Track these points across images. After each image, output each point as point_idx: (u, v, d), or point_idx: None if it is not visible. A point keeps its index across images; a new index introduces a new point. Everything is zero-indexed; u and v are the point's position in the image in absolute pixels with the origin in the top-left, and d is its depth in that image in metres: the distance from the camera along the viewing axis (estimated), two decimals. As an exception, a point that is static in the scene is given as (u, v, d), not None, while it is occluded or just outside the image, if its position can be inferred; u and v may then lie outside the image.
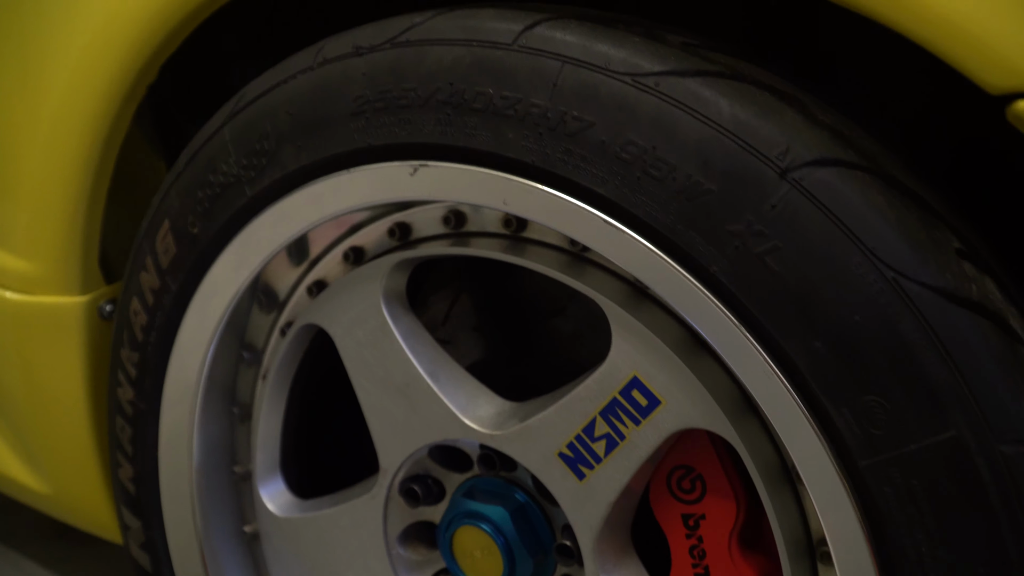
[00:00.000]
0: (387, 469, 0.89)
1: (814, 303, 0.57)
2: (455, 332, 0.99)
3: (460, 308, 1.02)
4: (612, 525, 0.78)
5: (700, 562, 0.78)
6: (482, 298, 1.00)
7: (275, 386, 0.97)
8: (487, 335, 1.00)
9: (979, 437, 0.54)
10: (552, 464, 0.78)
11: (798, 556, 0.69)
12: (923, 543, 0.56)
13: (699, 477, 0.77)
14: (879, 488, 0.57)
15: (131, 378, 0.98)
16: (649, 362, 0.71)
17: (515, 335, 0.97)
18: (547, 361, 0.94)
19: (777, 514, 0.69)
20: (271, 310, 0.97)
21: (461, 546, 0.87)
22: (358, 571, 0.94)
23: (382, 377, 0.86)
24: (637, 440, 0.72)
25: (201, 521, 1.02)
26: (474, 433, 0.82)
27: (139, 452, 1.00)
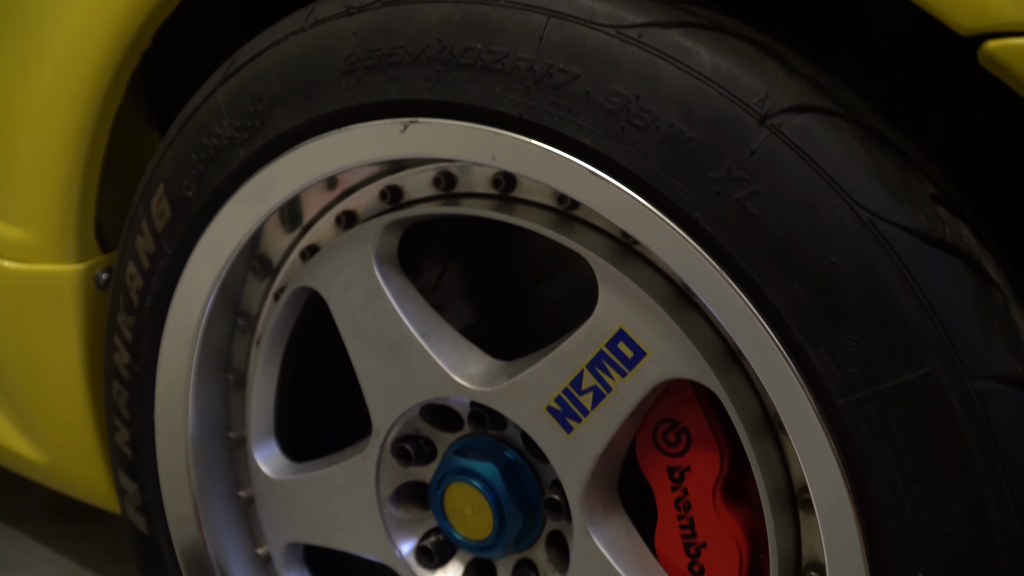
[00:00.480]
0: (379, 429, 0.91)
1: (792, 246, 0.58)
2: (446, 298, 1.00)
3: (451, 275, 1.03)
4: (599, 478, 0.79)
5: (685, 514, 0.79)
6: (472, 265, 1.01)
7: (269, 350, 0.98)
8: (478, 300, 1.01)
9: (953, 374, 0.55)
10: (540, 418, 0.79)
11: (780, 505, 0.71)
12: (899, 480, 0.57)
13: (684, 430, 0.78)
14: (856, 426, 0.58)
15: (127, 342, 0.99)
16: (635, 315, 0.72)
17: (505, 300, 0.99)
18: (537, 325, 0.95)
19: (760, 464, 0.70)
20: (265, 276, 0.98)
21: (452, 503, 0.88)
22: (351, 532, 0.95)
23: (374, 338, 0.87)
24: (623, 392, 0.74)
25: (197, 485, 1.03)
26: (464, 391, 0.84)
27: (135, 416, 1.01)
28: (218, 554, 1.05)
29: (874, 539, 0.60)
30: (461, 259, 1.01)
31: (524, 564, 0.89)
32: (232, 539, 1.06)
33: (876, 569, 0.60)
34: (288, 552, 1.03)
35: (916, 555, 0.58)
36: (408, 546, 0.94)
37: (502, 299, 0.99)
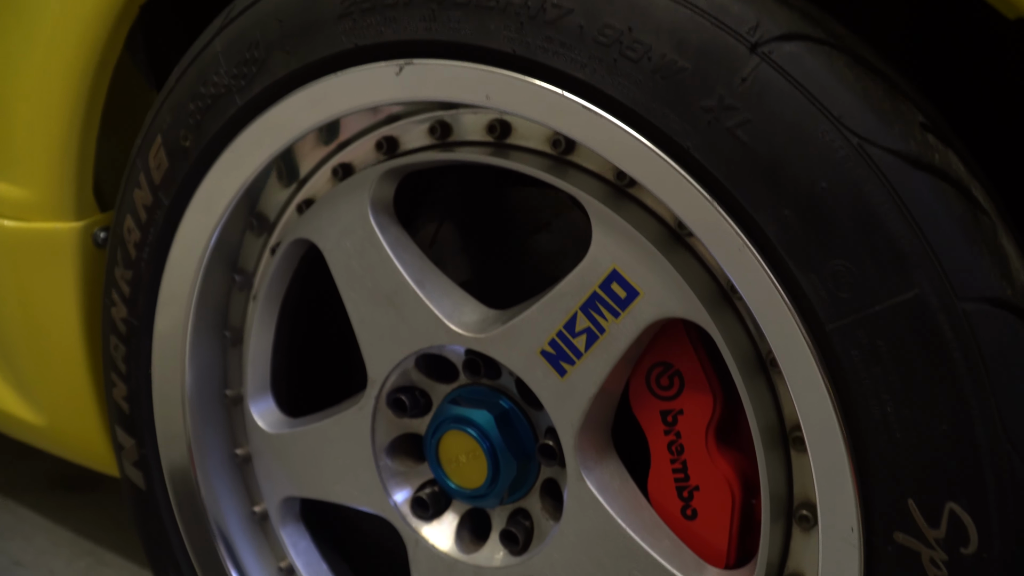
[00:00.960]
0: (375, 379, 0.91)
1: (783, 172, 0.59)
2: (442, 254, 1.01)
3: (446, 232, 1.04)
4: (593, 422, 0.80)
5: (678, 457, 0.80)
6: (468, 221, 1.02)
7: (265, 305, 0.98)
8: (473, 256, 1.02)
9: (941, 295, 0.56)
10: (534, 363, 0.80)
11: (772, 445, 0.71)
12: (888, 403, 0.58)
13: (677, 373, 0.79)
14: (846, 351, 0.59)
15: (125, 296, 1.00)
16: (628, 255, 0.73)
17: (501, 254, 0.99)
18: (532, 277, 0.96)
19: (752, 403, 0.71)
20: (262, 232, 0.98)
21: (447, 452, 0.88)
22: (347, 484, 0.96)
23: (370, 287, 0.88)
24: (616, 332, 0.74)
25: (194, 443, 1.04)
26: (459, 338, 0.84)
27: (133, 370, 1.02)
28: (215, 511, 1.06)
29: (863, 465, 0.60)
30: (456, 216, 1.02)
31: (518, 513, 0.90)
32: (229, 497, 1.07)
33: (865, 496, 0.61)
34: (284, 507, 1.03)
35: (905, 480, 0.59)
36: (403, 497, 0.94)
37: (498, 253, 0.99)
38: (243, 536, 1.07)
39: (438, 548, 0.91)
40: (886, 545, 0.60)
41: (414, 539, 0.93)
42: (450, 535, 0.93)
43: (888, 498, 0.59)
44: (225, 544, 1.06)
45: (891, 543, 0.60)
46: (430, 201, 1.04)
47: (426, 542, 0.92)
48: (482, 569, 0.89)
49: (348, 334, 0.97)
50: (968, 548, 0.57)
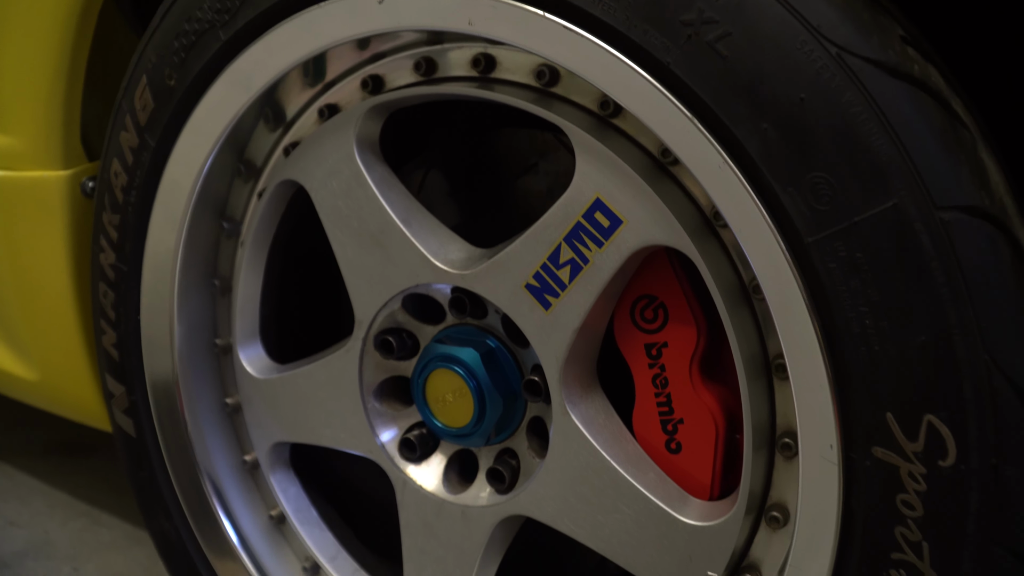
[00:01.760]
0: (362, 321, 0.91)
1: (762, 85, 0.59)
2: (430, 200, 1.01)
3: (433, 178, 1.04)
4: (577, 356, 0.80)
5: (662, 391, 0.80)
6: (454, 166, 1.01)
7: (253, 250, 0.98)
8: (460, 201, 1.01)
9: (919, 205, 0.56)
10: (519, 297, 0.80)
11: (755, 373, 0.71)
12: (867, 316, 0.58)
13: (661, 306, 0.79)
14: (824, 264, 0.59)
15: (113, 242, 1.00)
16: (611, 184, 0.72)
17: (488, 198, 0.99)
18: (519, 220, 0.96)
19: (735, 332, 0.71)
20: (249, 178, 0.98)
21: (434, 391, 0.89)
22: (335, 427, 0.96)
23: (356, 227, 0.88)
24: (600, 262, 0.74)
25: (184, 392, 1.04)
26: (445, 275, 0.84)
27: (122, 317, 1.02)
28: (206, 460, 1.06)
29: (842, 379, 0.60)
30: (443, 163, 1.02)
31: (505, 453, 0.90)
32: (219, 446, 1.07)
33: (844, 411, 0.61)
34: (274, 453, 1.04)
35: (883, 393, 0.59)
36: (391, 439, 0.94)
37: (485, 197, 0.99)
38: (233, 485, 1.08)
39: (425, 489, 0.92)
40: (864, 460, 0.60)
41: (402, 480, 0.93)
42: (437, 476, 0.93)
43: (867, 412, 0.59)
44: (216, 492, 1.07)
45: (870, 458, 0.60)
46: (416, 149, 1.03)
47: (414, 483, 0.92)
48: (469, 508, 0.89)
49: (336, 281, 0.97)
50: (946, 460, 0.58)
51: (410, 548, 0.93)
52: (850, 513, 0.62)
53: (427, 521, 0.92)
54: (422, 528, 0.92)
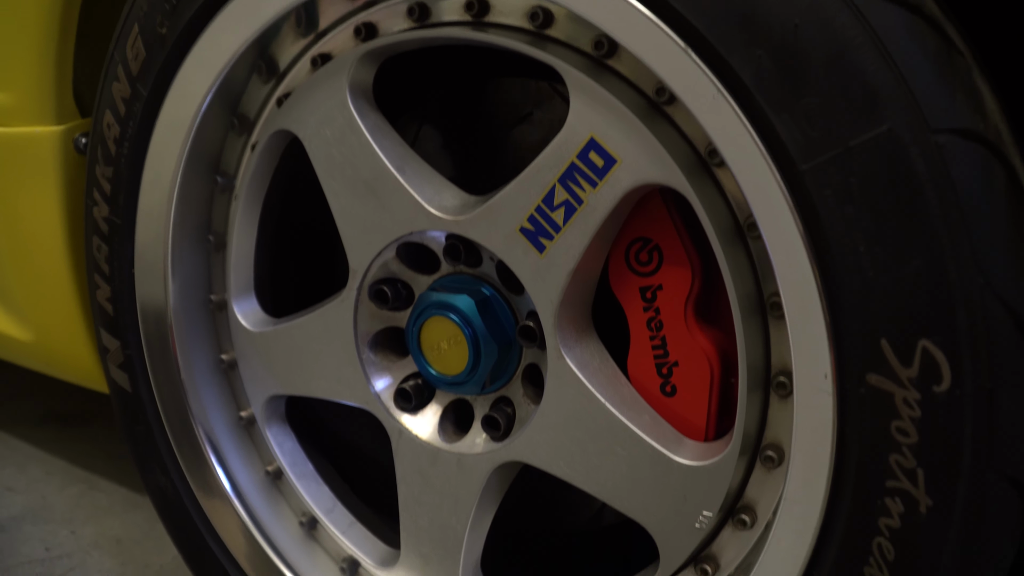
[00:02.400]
0: (357, 271, 0.91)
1: (756, 12, 0.58)
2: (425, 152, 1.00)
3: (428, 131, 1.03)
4: (572, 299, 0.80)
5: (657, 334, 0.80)
6: (448, 118, 1.01)
7: (247, 203, 0.98)
8: (455, 153, 1.01)
9: (914, 128, 0.55)
10: (514, 241, 0.79)
11: (750, 312, 0.71)
12: (861, 242, 0.58)
13: (656, 248, 0.79)
14: (819, 191, 0.58)
15: (106, 194, 0.99)
16: (605, 123, 0.72)
17: (483, 149, 0.99)
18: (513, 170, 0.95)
19: (731, 270, 0.70)
20: (243, 132, 0.98)
21: (428, 338, 0.88)
22: (330, 378, 0.96)
23: (350, 175, 0.87)
24: (594, 203, 0.74)
25: (179, 348, 1.04)
26: (439, 222, 0.84)
27: (116, 270, 1.02)
28: (202, 416, 1.06)
29: (837, 307, 0.60)
30: (437, 115, 1.01)
31: (500, 401, 0.90)
32: (215, 402, 1.07)
33: (839, 339, 0.61)
34: (269, 407, 1.03)
35: (878, 320, 0.59)
36: (387, 389, 0.94)
37: (479, 148, 0.99)
38: (230, 441, 1.08)
39: (421, 438, 0.92)
40: (859, 388, 0.60)
41: (397, 430, 0.93)
42: (433, 426, 0.93)
43: (861, 340, 0.59)
44: (212, 447, 1.07)
45: (864, 386, 0.60)
46: (411, 104, 1.03)
47: (409, 433, 0.92)
48: (464, 456, 0.89)
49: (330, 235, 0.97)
50: (941, 386, 0.58)
51: (406, 497, 0.93)
52: (844, 443, 0.62)
53: (422, 470, 0.92)
54: (418, 477, 0.92)
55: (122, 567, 1.31)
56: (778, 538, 0.69)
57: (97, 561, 1.33)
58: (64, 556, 1.34)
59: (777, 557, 0.69)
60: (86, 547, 1.36)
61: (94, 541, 1.38)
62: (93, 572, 1.30)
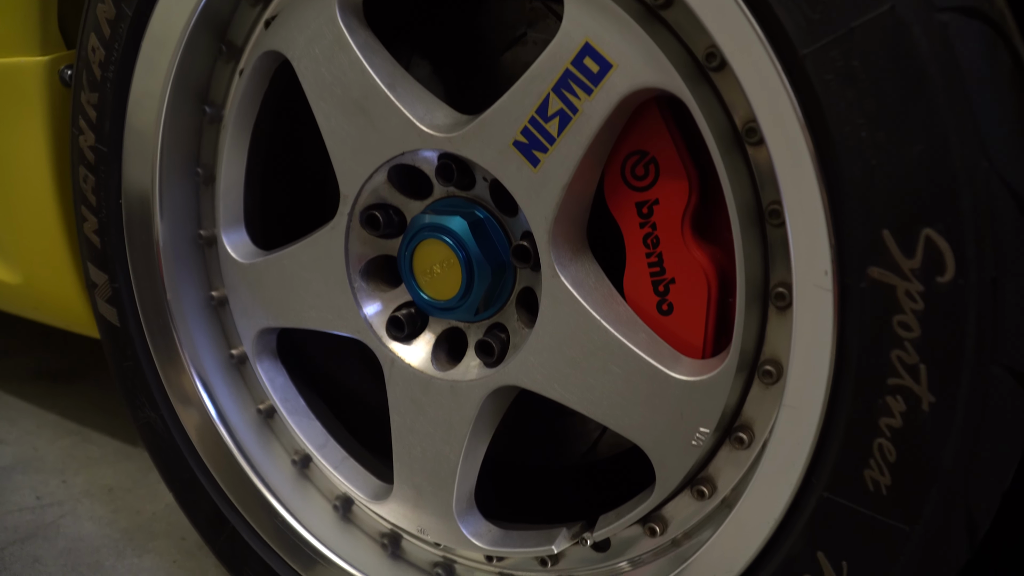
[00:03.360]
0: (348, 195, 0.89)
1: None
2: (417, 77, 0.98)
3: (420, 56, 1.01)
4: (567, 215, 0.78)
5: (654, 250, 0.78)
6: (441, 43, 0.99)
7: (236, 129, 0.96)
8: (447, 78, 0.99)
9: (917, 7, 0.53)
10: (507, 156, 0.78)
11: (749, 222, 0.70)
12: (863, 128, 0.56)
13: (652, 161, 0.77)
14: (820, 76, 0.57)
15: (92, 122, 0.97)
16: (601, 27, 0.70)
17: (476, 73, 0.97)
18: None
19: (729, 178, 0.69)
20: (231, 59, 0.96)
21: (421, 262, 0.87)
22: (322, 309, 0.94)
23: (340, 94, 0.86)
24: (590, 111, 0.72)
25: (168, 285, 1.02)
26: (432, 140, 0.82)
27: (103, 201, 1.00)
28: (192, 354, 1.05)
29: (838, 198, 0.58)
30: (430, 40, 0.99)
31: (494, 328, 0.88)
32: (205, 340, 1.06)
33: (839, 232, 0.59)
34: (260, 342, 1.02)
35: (880, 209, 0.57)
36: (379, 318, 0.93)
37: (474, 71, 0.97)
38: (220, 379, 1.06)
39: (413, 366, 0.90)
40: (860, 283, 0.59)
41: (390, 359, 0.91)
42: (426, 354, 0.91)
43: (862, 232, 0.58)
44: (203, 386, 1.05)
45: (865, 280, 0.59)
46: (401, 28, 1.01)
47: (402, 361, 0.91)
48: (458, 383, 0.88)
49: (321, 165, 0.95)
50: (944, 276, 0.56)
51: (399, 427, 0.92)
52: (845, 343, 0.61)
53: (415, 398, 0.90)
54: (411, 406, 0.91)
55: (114, 514, 1.30)
56: (776, 447, 0.68)
57: (88, 508, 1.32)
58: (55, 504, 1.33)
59: (775, 467, 0.68)
60: (77, 495, 1.35)
61: (85, 490, 1.37)
62: (84, 519, 1.29)
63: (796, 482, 0.66)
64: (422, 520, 0.94)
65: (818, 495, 0.64)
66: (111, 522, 1.28)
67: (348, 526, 1.04)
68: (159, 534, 1.25)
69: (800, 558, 0.66)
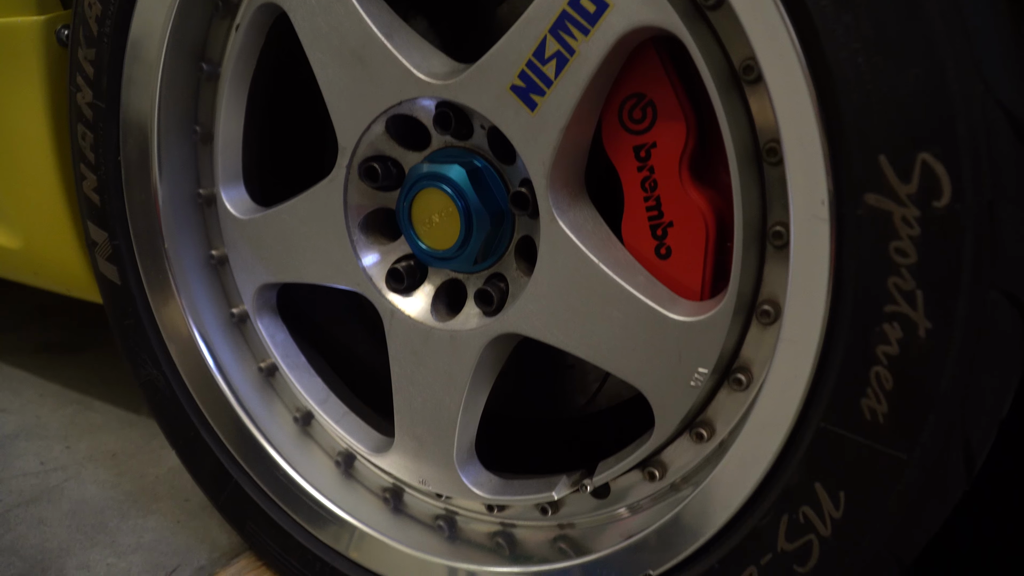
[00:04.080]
0: (346, 147, 0.89)
1: None
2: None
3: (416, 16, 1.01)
4: (564, 160, 0.78)
5: (651, 194, 0.79)
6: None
7: (233, 85, 0.96)
8: (443, 34, 0.99)
9: (912, -71, 0.54)
10: (504, 101, 0.78)
11: (747, 161, 0.70)
12: (860, 53, 0.56)
13: (650, 104, 0.77)
14: (816, 2, 0.57)
15: (89, 78, 0.97)
16: (597, -33, 0.70)
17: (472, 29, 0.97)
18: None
19: (727, 117, 0.69)
20: (227, 15, 0.96)
21: (419, 212, 0.87)
22: (321, 263, 0.95)
23: (337, 44, 0.86)
24: (587, 51, 0.72)
25: (168, 245, 1.02)
26: (429, 87, 0.82)
27: (101, 158, 1.00)
28: (194, 314, 1.05)
29: (834, 124, 0.58)
30: None
31: (493, 278, 0.89)
32: (206, 299, 1.06)
33: (836, 159, 0.59)
34: (261, 298, 1.02)
35: (877, 135, 0.57)
36: (378, 271, 0.93)
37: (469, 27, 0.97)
38: (221, 337, 1.07)
39: (413, 318, 0.91)
40: (856, 211, 0.59)
41: (389, 311, 0.92)
42: (425, 305, 0.92)
43: (859, 159, 0.58)
44: (205, 343, 1.05)
45: (861, 207, 0.59)
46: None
47: (401, 313, 0.91)
48: (457, 332, 0.88)
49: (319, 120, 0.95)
50: (940, 201, 0.56)
51: (399, 377, 0.92)
52: (842, 272, 0.61)
53: (415, 349, 0.91)
54: (411, 357, 0.91)
55: (117, 478, 1.31)
56: (774, 381, 0.68)
57: (92, 473, 1.32)
58: (59, 468, 1.33)
59: (772, 401, 0.68)
60: (81, 460, 1.36)
61: (89, 455, 1.37)
62: (88, 483, 1.29)
63: (793, 415, 0.66)
64: (423, 471, 0.94)
65: (815, 426, 0.65)
66: (115, 485, 1.28)
67: (350, 482, 1.04)
68: (163, 496, 1.25)
69: (798, 490, 0.67)
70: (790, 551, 0.68)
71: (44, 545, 1.13)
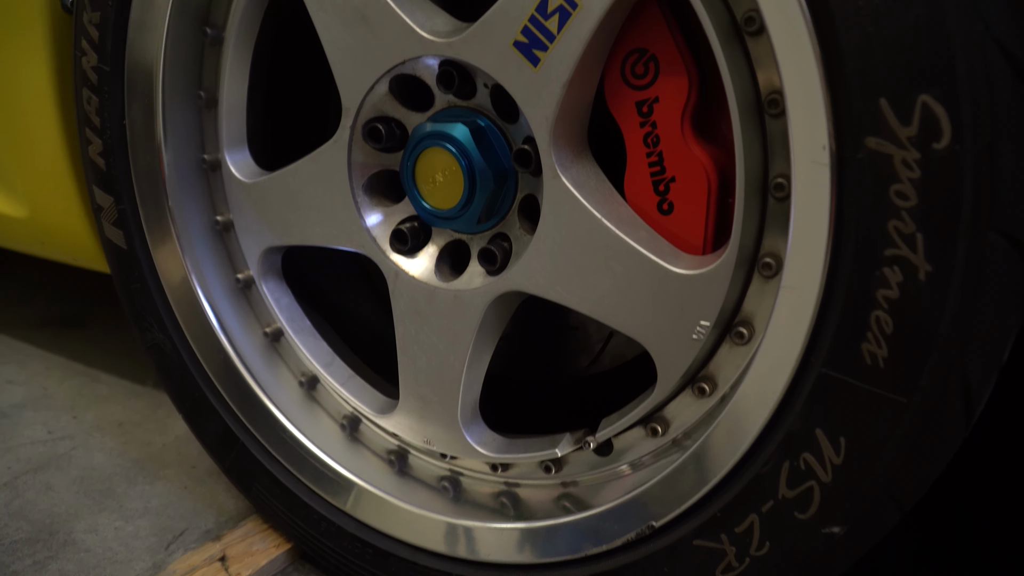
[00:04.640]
0: (350, 108, 0.90)
1: None
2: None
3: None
4: (568, 116, 0.78)
5: (654, 149, 0.79)
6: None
7: (237, 48, 0.96)
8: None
9: None
10: (508, 57, 0.78)
11: (749, 113, 0.70)
12: (858, -4, 0.57)
13: (652, 58, 0.77)
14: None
15: (94, 42, 0.98)
16: (599, -80, 0.70)
17: None
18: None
19: (729, 69, 0.69)
20: (231, -19, 0.96)
21: (423, 172, 0.87)
22: (326, 225, 0.95)
23: (340, 4, 0.86)
24: (590, 4, 0.72)
25: (174, 208, 1.03)
26: (432, 46, 0.82)
27: (106, 122, 1.00)
28: (200, 279, 1.06)
29: (835, 66, 0.59)
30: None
31: (497, 237, 0.89)
32: (211, 265, 1.06)
33: (837, 102, 0.59)
34: (266, 262, 1.03)
35: (877, 78, 0.57)
36: (382, 232, 0.93)
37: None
38: (227, 302, 1.07)
39: (417, 278, 0.91)
40: (857, 154, 0.59)
41: (394, 271, 0.92)
42: (429, 265, 0.92)
43: (859, 101, 0.58)
44: (211, 307, 1.06)
45: (862, 150, 0.59)
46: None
47: (406, 273, 0.92)
48: (461, 292, 0.89)
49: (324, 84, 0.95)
50: (940, 142, 0.56)
51: (403, 337, 0.93)
52: (843, 216, 0.61)
53: (420, 309, 0.91)
54: (415, 317, 0.92)
55: (124, 446, 1.32)
56: (775, 329, 0.69)
57: (99, 441, 1.33)
58: (66, 437, 1.34)
59: (773, 349, 0.69)
60: (88, 429, 1.37)
61: (96, 424, 1.39)
62: (96, 451, 1.30)
63: (795, 361, 0.67)
64: (428, 431, 0.95)
65: (816, 372, 0.65)
66: (122, 453, 1.29)
67: (356, 445, 1.05)
68: (170, 463, 1.26)
69: (799, 436, 0.67)
70: (791, 498, 0.69)
71: (52, 510, 1.14)
